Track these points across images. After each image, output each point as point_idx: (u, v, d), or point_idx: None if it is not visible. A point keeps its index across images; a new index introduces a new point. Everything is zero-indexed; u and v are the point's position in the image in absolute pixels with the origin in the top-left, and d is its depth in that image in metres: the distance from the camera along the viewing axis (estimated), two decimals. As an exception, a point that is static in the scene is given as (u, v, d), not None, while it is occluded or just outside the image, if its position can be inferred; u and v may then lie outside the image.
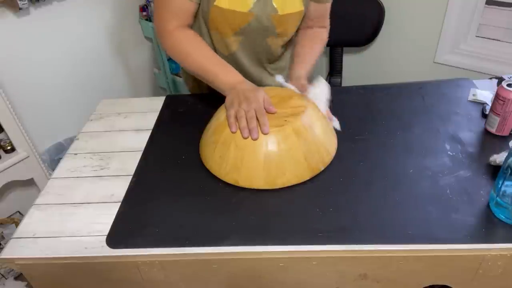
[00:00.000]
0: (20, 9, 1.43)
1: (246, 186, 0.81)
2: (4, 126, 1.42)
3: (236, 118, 0.81)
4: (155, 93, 2.24)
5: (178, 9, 0.93)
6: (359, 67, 2.04)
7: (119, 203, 0.81)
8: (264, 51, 1.05)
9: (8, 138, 1.45)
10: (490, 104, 0.92)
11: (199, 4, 0.95)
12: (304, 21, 1.06)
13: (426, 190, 0.78)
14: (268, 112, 0.82)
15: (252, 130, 0.79)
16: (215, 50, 1.03)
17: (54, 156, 1.70)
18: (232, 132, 0.80)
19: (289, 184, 0.80)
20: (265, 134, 0.79)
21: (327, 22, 1.11)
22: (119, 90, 2.01)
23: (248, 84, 0.88)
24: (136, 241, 0.73)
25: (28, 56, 1.56)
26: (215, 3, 0.91)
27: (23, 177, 1.53)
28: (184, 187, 0.83)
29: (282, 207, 0.77)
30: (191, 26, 0.99)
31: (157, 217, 0.77)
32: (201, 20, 0.99)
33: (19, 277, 1.49)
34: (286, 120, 0.81)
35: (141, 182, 0.86)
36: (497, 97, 0.86)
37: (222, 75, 0.90)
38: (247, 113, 0.80)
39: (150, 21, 1.89)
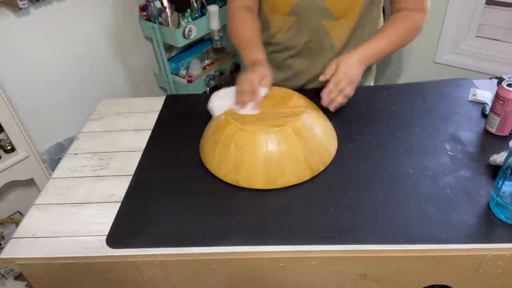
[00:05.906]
0: (20, 9, 1.43)
1: (246, 186, 0.81)
2: (4, 126, 1.42)
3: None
4: (155, 93, 2.24)
5: None
6: (359, 67, 2.03)
7: (119, 203, 0.81)
8: (321, 40, 0.98)
9: (8, 138, 1.45)
10: (490, 104, 0.92)
11: None
12: (394, 2, 0.95)
13: (426, 190, 0.78)
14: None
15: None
16: (271, 33, 1.04)
17: (54, 156, 1.70)
18: (239, 105, 0.85)
19: (289, 184, 0.80)
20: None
21: (424, 3, 0.93)
22: (119, 90, 2.01)
23: (256, 66, 0.89)
24: (136, 241, 0.73)
25: (28, 56, 1.56)
26: None
27: (23, 177, 1.53)
28: (184, 187, 0.83)
29: (282, 207, 0.77)
30: (256, 9, 1.03)
31: (157, 217, 0.77)
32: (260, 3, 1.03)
33: (19, 277, 1.49)
34: (286, 120, 0.81)
35: (141, 182, 0.86)
36: (497, 97, 0.86)
37: (248, 52, 0.94)
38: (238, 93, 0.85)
39: (150, 21, 1.88)
